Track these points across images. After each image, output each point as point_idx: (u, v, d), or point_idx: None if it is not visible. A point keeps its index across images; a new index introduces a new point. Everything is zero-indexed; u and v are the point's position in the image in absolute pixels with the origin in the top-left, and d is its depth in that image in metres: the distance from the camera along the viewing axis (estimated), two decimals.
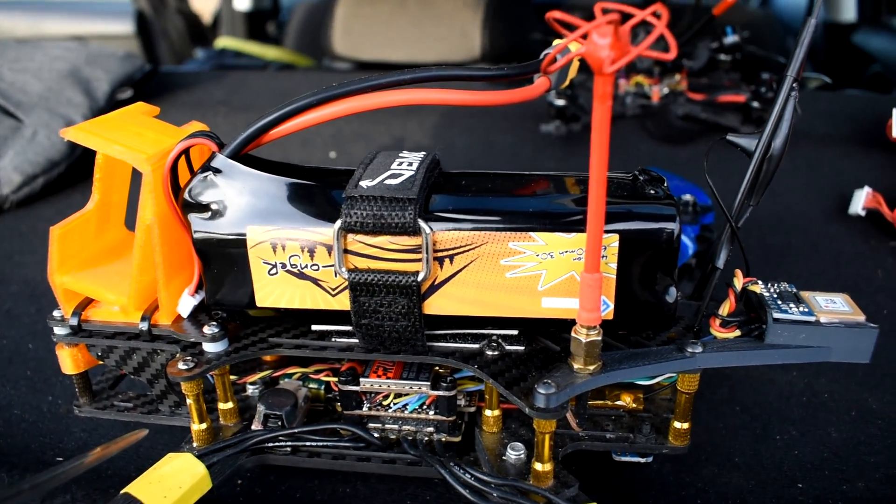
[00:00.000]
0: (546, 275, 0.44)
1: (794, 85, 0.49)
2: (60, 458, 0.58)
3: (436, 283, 0.44)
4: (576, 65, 0.51)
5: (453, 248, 0.43)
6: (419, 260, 0.44)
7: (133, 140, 0.47)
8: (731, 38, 1.04)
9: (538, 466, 0.45)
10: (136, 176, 0.53)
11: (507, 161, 1.05)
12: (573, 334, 0.43)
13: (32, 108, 1.04)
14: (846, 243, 0.87)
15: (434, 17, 1.43)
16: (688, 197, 0.76)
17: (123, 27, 2.28)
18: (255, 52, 1.84)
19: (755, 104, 0.99)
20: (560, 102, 1.01)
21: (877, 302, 0.76)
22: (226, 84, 1.29)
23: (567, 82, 0.53)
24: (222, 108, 1.18)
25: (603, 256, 0.43)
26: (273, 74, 1.46)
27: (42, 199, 1.02)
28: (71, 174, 1.05)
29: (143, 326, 0.50)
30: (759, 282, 0.50)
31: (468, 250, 0.43)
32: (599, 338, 0.42)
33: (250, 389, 0.55)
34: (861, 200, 0.89)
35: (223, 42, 2.00)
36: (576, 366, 0.43)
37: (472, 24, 1.41)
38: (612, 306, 0.45)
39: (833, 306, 0.48)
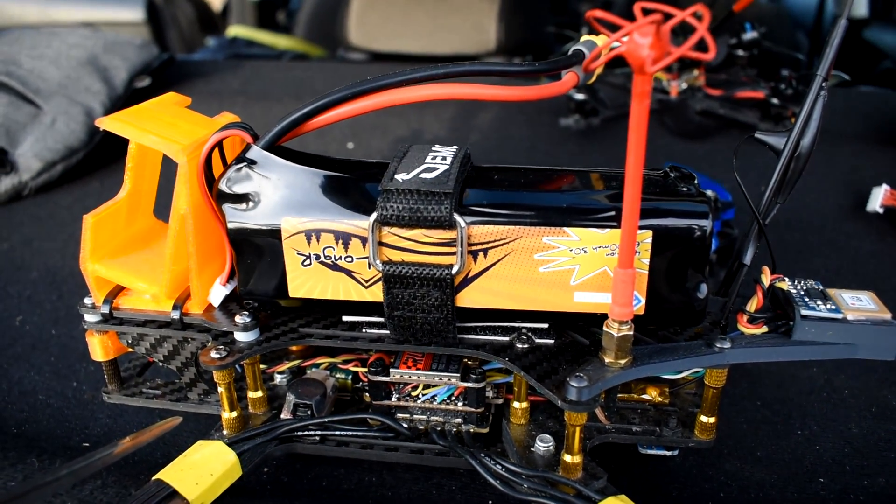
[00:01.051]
0: (579, 269, 0.44)
1: (824, 84, 0.49)
2: (87, 444, 0.58)
3: (469, 276, 0.45)
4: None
5: (488, 242, 0.44)
6: (453, 253, 0.44)
7: (168, 130, 0.48)
8: (749, 35, 1.04)
9: (568, 458, 0.45)
10: (166, 165, 0.54)
11: (524, 155, 1.06)
12: (605, 329, 0.43)
13: (51, 95, 1.05)
14: (864, 241, 0.87)
15: (449, 9, 1.43)
16: (709, 193, 0.76)
17: (134, 14, 2.28)
18: (267, 41, 1.84)
19: (774, 101, 0.98)
20: (580, 97, 1.01)
21: (895, 299, 0.76)
22: (242, 73, 1.29)
23: (594, 78, 0.53)
24: (240, 97, 1.18)
25: (636, 252, 0.43)
26: (289, 64, 1.46)
27: (60, 186, 1.03)
28: (89, 161, 1.06)
29: (175, 315, 0.50)
30: (786, 279, 0.50)
31: (502, 244, 0.44)
32: (631, 333, 0.43)
33: (278, 379, 0.56)
34: (879, 198, 0.89)
35: (235, 31, 2.00)
36: (607, 360, 0.44)
37: (487, 16, 1.41)
38: (643, 301, 0.45)
39: (859, 304, 0.48)
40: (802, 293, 0.49)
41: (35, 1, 2.26)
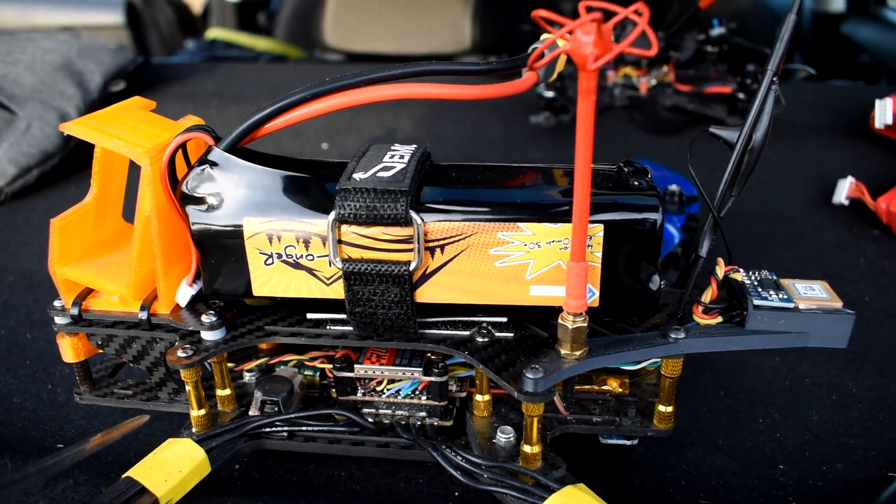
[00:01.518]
0: (534, 264, 0.45)
1: (775, 79, 0.51)
2: (61, 445, 0.59)
3: (427, 272, 0.46)
4: (563, 59, 0.52)
5: (444, 239, 0.45)
6: (411, 250, 0.45)
7: (131, 134, 0.48)
8: (717, 30, 1.05)
9: (527, 448, 0.46)
10: (133, 169, 0.55)
11: (497, 152, 1.07)
12: (560, 321, 0.44)
13: (26, 100, 1.05)
14: (830, 232, 0.89)
15: (424, 9, 1.44)
16: (674, 187, 0.77)
17: (113, 18, 2.27)
18: (246, 42, 1.85)
19: (741, 95, 1.00)
20: (549, 94, 1.02)
21: (859, 289, 0.77)
22: (218, 76, 1.30)
23: (555, 75, 0.54)
24: (214, 99, 1.18)
25: (588, 246, 0.44)
26: (265, 66, 1.47)
27: (36, 191, 1.03)
28: (65, 166, 1.06)
29: (143, 315, 0.51)
30: (741, 270, 0.51)
31: (458, 240, 0.45)
32: (585, 324, 0.44)
33: (247, 376, 0.57)
34: (844, 190, 0.91)
35: (214, 33, 2.00)
36: (563, 351, 0.45)
37: (462, 15, 1.42)
38: (597, 294, 0.46)
39: (812, 293, 0.49)
40: (756, 284, 0.50)
41: (15, 5, 2.25)
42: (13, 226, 0.95)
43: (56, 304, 0.53)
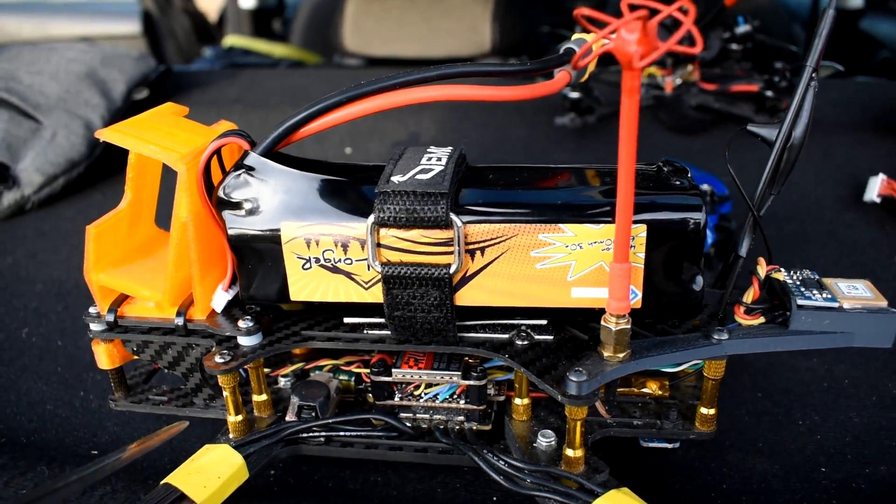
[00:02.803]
0: (575, 265, 0.45)
1: (814, 75, 0.50)
2: (95, 452, 0.59)
3: (467, 274, 0.45)
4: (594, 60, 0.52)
5: (484, 241, 0.44)
6: (451, 253, 0.45)
7: (166, 140, 0.48)
8: (742, 28, 1.04)
9: (570, 452, 0.46)
10: (166, 175, 0.55)
11: (521, 154, 1.06)
12: (603, 323, 0.44)
13: (51, 109, 1.06)
14: (862, 230, 0.88)
15: (443, 12, 1.44)
16: (705, 187, 0.76)
17: (130, 27, 2.29)
18: (263, 49, 1.85)
19: (768, 93, 0.99)
20: (575, 95, 1.01)
21: (894, 288, 0.76)
22: (239, 82, 1.30)
23: (586, 76, 0.54)
24: (237, 106, 1.19)
25: (631, 247, 0.44)
26: (285, 72, 1.47)
27: (63, 199, 1.04)
28: (90, 174, 1.06)
29: (179, 321, 0.51)
30: (782, 269, 0.50)
31: (498, 242, 0.44)
32: (628, 326, 0.43)
33: (282, 381, 0.56)
34: (876, 187, 0.90)
35: (231, 40, 2.00)
36: (605, 354, 0.44)
37: (481, 18, 1.42)
38: (640, 295, 0.46)
39: (855, 292, 0.48)
40: (798, 283, 0.49)
41: (32, 16, 2.27)
42: (40, 234, 0.96)
43: (91, 310, 0.53)
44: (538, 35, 1.51)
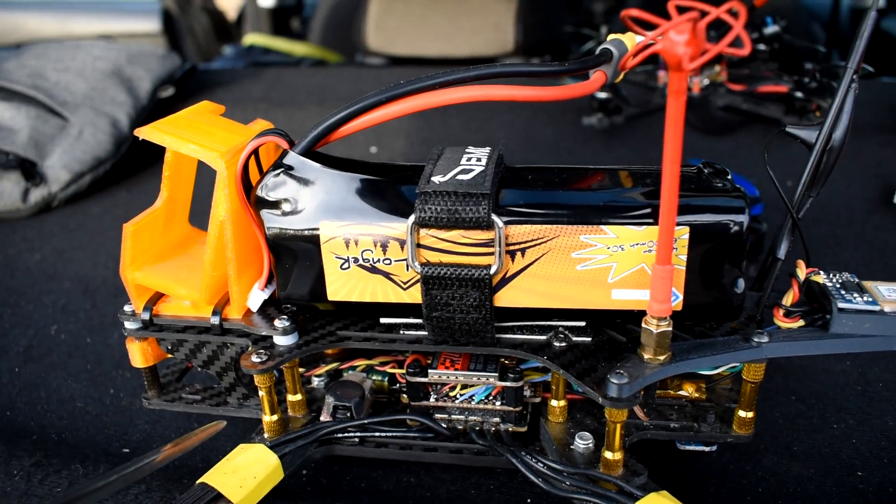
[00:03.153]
0: (616, 267, 0.45)
1: (854, 77, 0.49)
2: (127, 450, 0.59)
3: (507, 276, 0.45)
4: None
5: (525, 242, 0.44)
6: (491, 254, 0.44)
7: (205, 138, 0.48)
8: (771, 28, 1.03)
9: (609, 455, 0.46)
10: (200, 173, 0.55)
11: (548, 154, 1.06)
12: (644, 325, 0.43)
13: (78, 107, 1.06)
14: (891, 233, 0.87)
15: (467, 11, 1.43)
16: (738, 187, 0.76)
17: (150, 25, 2.30)
18: (284, 48, 1.85)
19: (798, 94, 0.98)
20: (603, 95, 1.01)
21: None
22: (263, 81, 1.30)
23: (621, 77, 0.53)
24: (262, 104, 1.19)
25: (673, 248, 0.43)
26: (308, 71, 1.47)
27: (89, 197, 1.04)
28: (116, 171, 1.07)
29: (215, 320, 0.51)
30: (821, 272, 0.50)
31: (540, 244, 0.44)
32: (670, 329, 0.43)
33: (316, 381, 0.56)
34: None
35: (251, 39, 2.01)
36: (646, 356, 0.44)
37: (505, 17, 1.41)
38: (681, 297, 0.45)
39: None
40: (838, 286, 0.49)
41: (54, 15, 2.29)
42: (67, 231, 0.97)
43: (126, 308, 0.53)
44: (561, 35, 1.50)
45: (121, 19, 2.29)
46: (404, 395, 0.53)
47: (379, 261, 0.46)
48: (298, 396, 0.53)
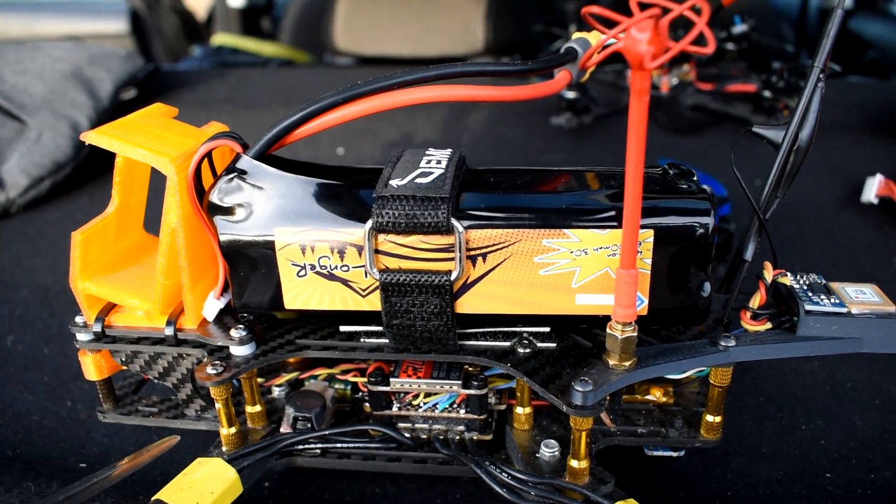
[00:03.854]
0: (580, 271, 0.44)
1: (821, 76, 0.49)
2: (83, 465, 0.57)
3: (468, 281, 0.44)
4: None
5: (486, 247, 0.43)
6: (452, 259, 0.43)
7: (155, 143, 0.46)
8: (739, 28, 1.03)
9: (574, 464, 0.45)
10: (155, 179, 0.53)
11: (517, 155, 1.05)
12: (608, 331, 0.42)
13: (36, 110, 1.03)
14: (859, 231, 0.87)
15: (436, 11, 1.42)
16: (704, 188, 0.75)
17: (118, 26, 2.27)
18: (253, 48, 1.83)
19: (766, 94, 0.98)
20: (571, 95, 1.00)
21: (893, 290, 0.75)
22: (228, 82, 1.28)
23: (587, 76, 0.52)
24: (227, 105, 1.17)
25: (638, 252, 0.42)
26: (275, 72, 1.45)
27: (48, 202, 1.01)
28: (77, 176, 1.04)
29: (169, 331, 0.49)
30: (789, 274, 0.49)
31: (501, 248, 0.43)
32: (635, 334, 0.42)
33: (276, 392, 0.55)
34: (874, 188, 0.89)
35: (220, 39, 1.98)
36: (611, 362, 0.43)
37: (474, 17, 1.40)
38: (646, 302, 0.45)
39: (863, 297, 0.48)
40: (805, 288, 0.48)
41: (18, 15, 2.24)
42: (26, 238, 0.94)
43: (78, 319, 0.52)
44: (531, 34, 1.50)
45: (87, 20, 2.25)
46: (367, 404, 0.52)
47: (336, 267, 0.45)
48: (257, 408, 0.52)
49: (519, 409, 0.49)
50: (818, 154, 1.00)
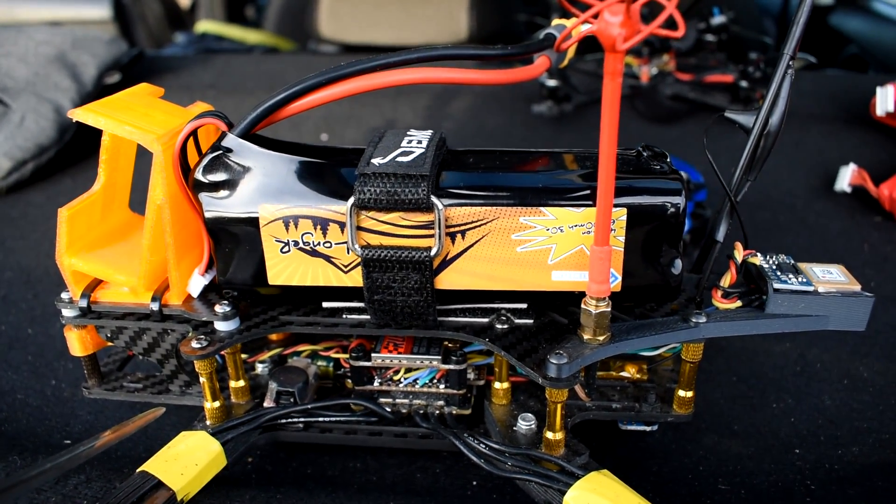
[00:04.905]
0: (556, 249, 0.45)
1: (791, 63, 0.50)
2: (68, 441, 0.58)
3: (448, 258, 0.45)
4: (574, 46, 0.52)
5: (465, 224, 0.44)
6: (431, 236, 0.45)
7: (142, 121, 0.47)
8: (718, 19, 1.05)
9: (550, 435, 0.46)
10: (141, 157, 0.54)
11: (499, 141, 1.06)
12: (583, 306, 0.44)
13: (19, 93, 1.03)
14: (833, 219, 0.89)
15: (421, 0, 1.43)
16: (678, 171, 0.77)
17: (100, 12, 2.25)
18: (237, 35, 1.83)
19: (743, 84, 1.00)
20: (552, 83, 1.01)
21: (864, 275, 0.78)
22: (212, 68, 1.28)
23: (566, 62, 0.54)
24: (211, 91, 1.17)
25: (611, 230, 0.44)
26: (259, 58, 1.45)
27: (32, 185, 1.01)
28: (60, 159, 1.04)
29: (154, 307, 0.50)
30: (759, 254, 0.51)
31: (479, 225, 0.44)
32: (608, 309, 0.44)
33: (259, 368, 0.56)
34: (847, 177, 0.91)
35: (204, 26, 1.98)
36: (586, 337, 0.44)
37: (458, 5, 1.41)
38: (619, 278, 0.46)
39: (830, 276, 0.49)
40: (774, 267, 0.50)
41: None
42: (9, 220, 0.94)
43: (63, 296, 0.52)
44: (515, 24, 1.51)
45: (70, 5, 2.23)
46: (349, 381, 0.53)
47: (319, 244, 0.46)
48: (241, 383, 0.53)
49: (497, 384, 0.51)
50: (793, 144, 1.03)
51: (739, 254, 0.49)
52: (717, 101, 1.03)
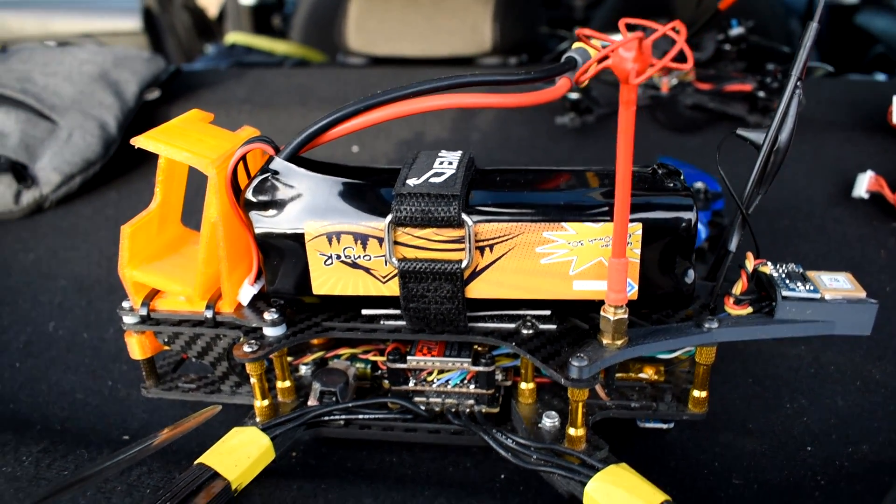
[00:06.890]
0: (577, 260, 0.49)
1: (799, 83, 0.53)
2: (126, 437, 0.63)
3: (477, 269, 0.49)
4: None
5: (493, 238, 0.48)
6: (462, 249, 0.49)
7: (196, 146, 0.52)
8: (736, 30, 1.08)
9: (572, 431, 0.50)
10: (192, 177, 0.58)
11: (524, 153, 1.10)
12: (602, 313, 0.48)
13: (66, 110, 1.09)
14: (850, 226, 0.91)
15: (445, 12, 1.47)
16: (699, 184, 0.80)
17: (131, 24, 2.31)
18: (265, 46, 1.87)
19: (761, 94, 1.02)
20: (574, 96, 1.05)
21: (880, 280, 0.80)
22: (246, 82, 1.33)
23: (585, 82, 0.57)
24: (246, 105, 1.22)
25: (628, 243, 0.48)
26: (290, 72, 1.50)
27: (80, 198, 1.07)
28: (106, 173, 1.10)
29: (208, 314, 0.55)
30: (769, 263, 0.54)
31: (506, 240, 0.48)
32: (626, 316, 0.47)
33: (303, 370, 0.60)
34: (864, 184, 0.92)
35: (233, 37, 2.03)
36: (605, 341, 0.48)
37: (482, 18, 1.45)
38: (636, 287, 0.50)
39: (836, 284, 0.52)
40: (784, 276, 0.53)
41: (34, 14, 2.29)
42: (60, 231, 0.99)
43: (125, 304, 0.57)
44: (538, 35, 1.54)
45: (102, 18, 2.29)
46: (385, 381, 0.57)
47: (360, 257, 0.50)
48: (287, 383, 0.57)
49: (523, 385, 0.55)
50: (812, 152, 1.05)
51: (750, 263, 0.53)
52: (737, 110, 1.05)
